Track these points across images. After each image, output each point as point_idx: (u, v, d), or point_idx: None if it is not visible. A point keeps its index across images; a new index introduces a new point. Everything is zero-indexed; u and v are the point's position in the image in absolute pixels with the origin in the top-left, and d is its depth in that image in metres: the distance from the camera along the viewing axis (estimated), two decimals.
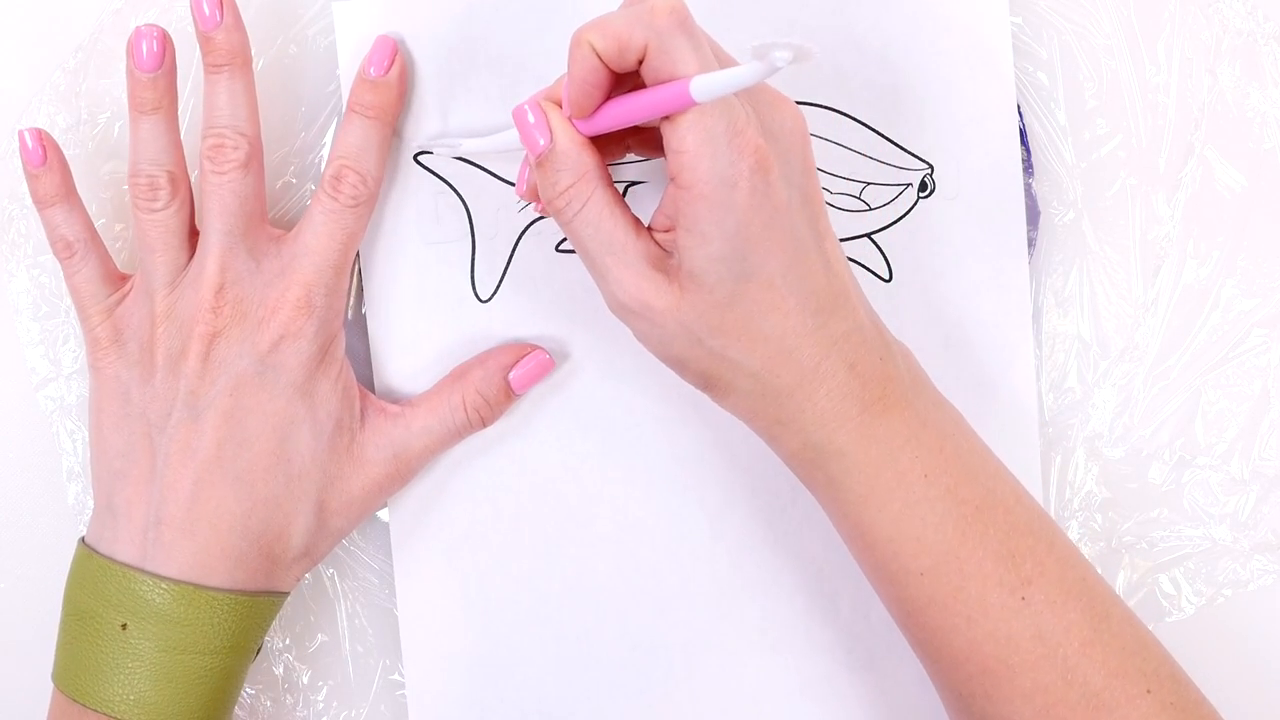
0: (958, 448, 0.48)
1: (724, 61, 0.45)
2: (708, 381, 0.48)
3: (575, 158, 0.46)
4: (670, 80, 0.42)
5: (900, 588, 0.48)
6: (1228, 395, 0.57)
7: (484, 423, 0.54)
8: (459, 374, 0.54)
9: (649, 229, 0.47)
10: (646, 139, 0.49)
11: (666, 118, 0.43)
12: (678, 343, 0.47)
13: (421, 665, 0.56)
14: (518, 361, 0.54)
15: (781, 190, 0.44)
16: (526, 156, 0.49)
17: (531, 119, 0.46)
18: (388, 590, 0.57)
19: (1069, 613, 0.47)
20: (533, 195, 0.50)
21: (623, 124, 0.45)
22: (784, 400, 0.47)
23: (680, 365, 0.48)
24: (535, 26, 0.54)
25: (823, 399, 0.47)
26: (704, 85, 0.41)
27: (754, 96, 0.45)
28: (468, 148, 0.52)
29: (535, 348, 0.54)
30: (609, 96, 0.45)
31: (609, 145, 0.49)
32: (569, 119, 0.46)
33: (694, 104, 0.41)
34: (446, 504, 0.56)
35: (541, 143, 0.46)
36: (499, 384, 0.53)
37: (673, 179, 0.44)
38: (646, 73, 0.43)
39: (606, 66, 0.44)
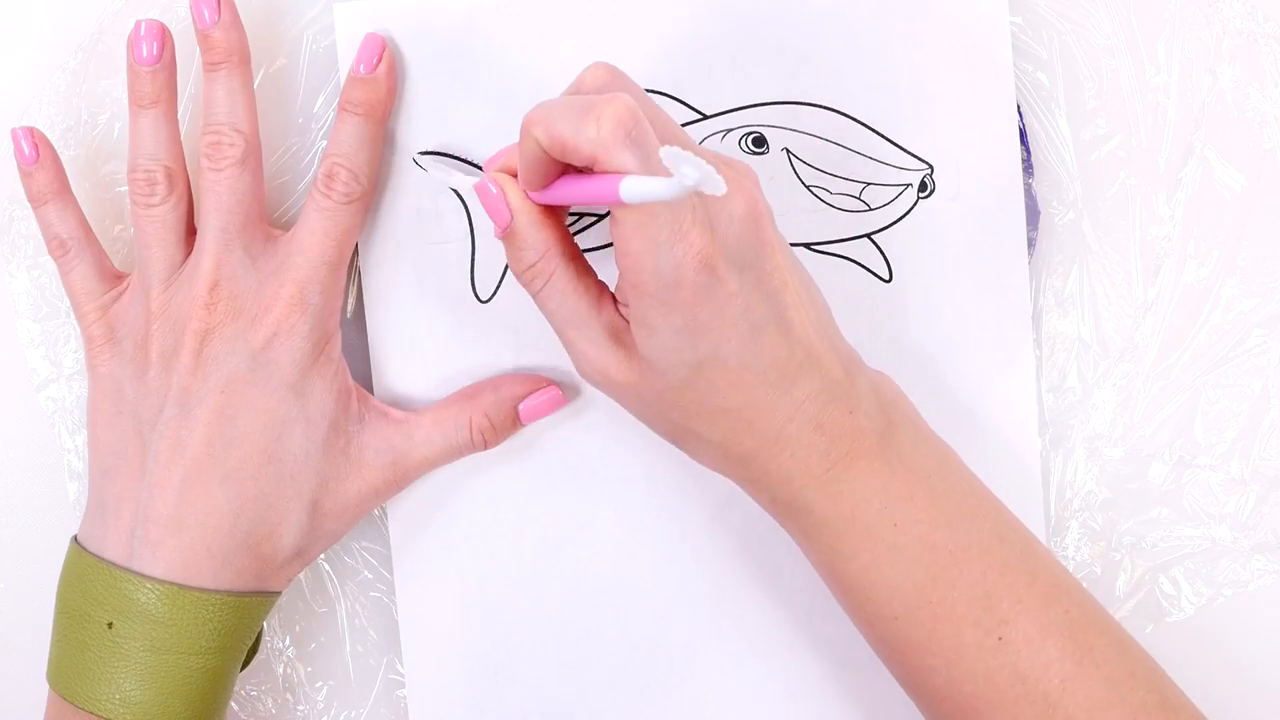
0: (932, 491, 0.48)
1: (685, 147, 0.45)
2: (677, 443, 0.49)
3: (535, 237, 0.46)
4: (610, 174, 0.42)
5: (877, 630, 0.49)
6: (1228, 395, 0.57)
7: (486, 445, 0.54)
8: (470, 393, 0.54)
9: (613, 296, 0.47)
10: None
11: (612, 217, 0.43)
12: (641, 413, 0.48)
13: (421, 665, 0.56)
14: (530, 393, 0.54)
15: (731, 279, 0.44)
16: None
17: (493, 191, 0.46)
18: (388, 590, 0.57)
19: (1049, 650, 0.47)
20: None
21: (572, 203, 0.45)
22: (749, 463, 0.48)
23: (650, 428, 0.49)
24: (535, 27, 0.54)
25: (787, 460, 0.47)
26: (632, 187, 0.40)
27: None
28: (457, 182, 0.52)
29: (549, 382, 0.54)
30: (564, 172, 0.45)
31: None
32: (526, 194, 0.46)
33: (621, 203, 0.41)
34: (447, 504, 0.56)
35: (503, 220, 0.46)
36: (508, 412, 0.54)
37: (620, 273, 0.45)
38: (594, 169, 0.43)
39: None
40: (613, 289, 0.48)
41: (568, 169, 0.45)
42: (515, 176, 0.47)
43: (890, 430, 0.48)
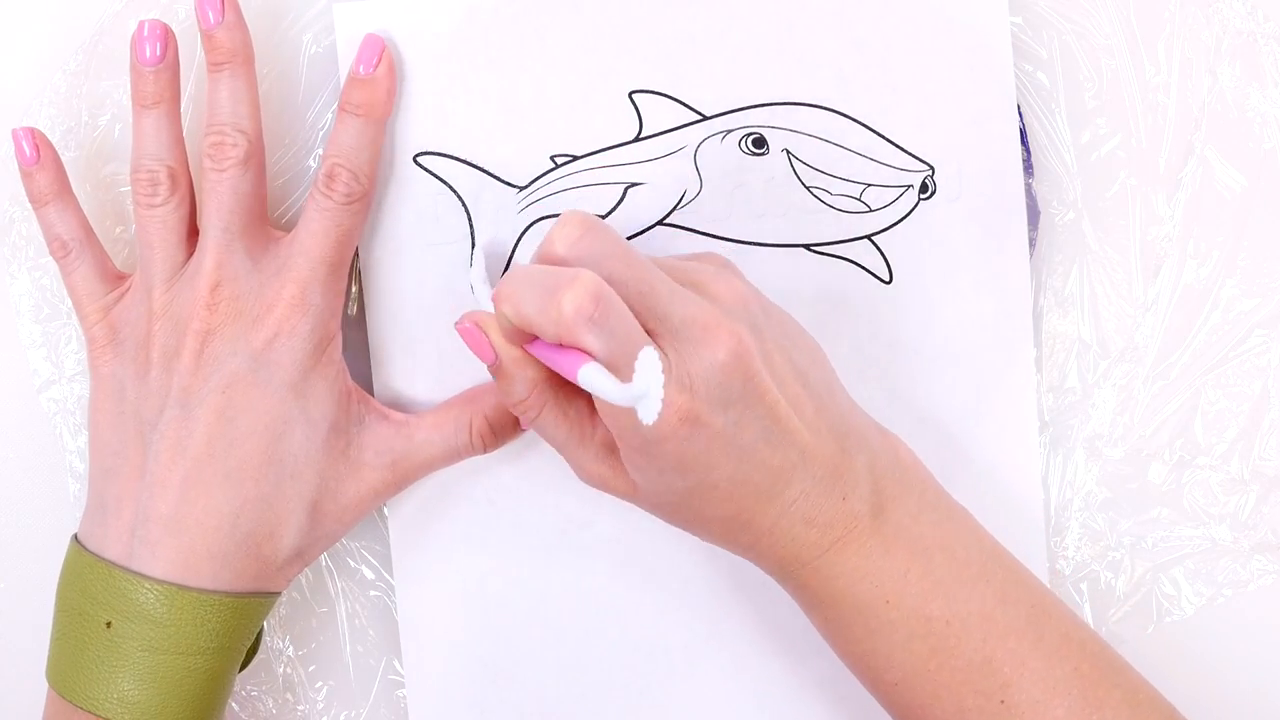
0: (929, 563, 0.48)
1: (644, 318, 0.45)
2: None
3: (521, 375, 0.47)
4: (574, 352, 0.43)
5: (879, 693, 0.50)
6: (1228, 395, 0.57)
7: (486, 449, 0.54)
8: (471, 396, 0.54)
9: None
10: None
11: None
12: (640, 507, 0.50)
13: (421, 665, 0.56)
14: None
15: (716, 420, 0.45)
16: None
17: (474, 333, 0.47)
18: (388, 590, 0.57)
19: (1055, 710, 0.47)
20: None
21: (544, 362, 0.46)
22: (745, 549, 0.49)
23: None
24: (535, 28, 0.54)
25: (779, 550, 0.48)
26: (588, 378, 0.41)
27: (682, 336, 0.45)
28: (475, 281, 0.52)
29: None
30: None
31: None
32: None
33: (575, 380, 0.42)
34: (447, 504, 0.56)
35: (488, 359, 0.48)
36: (509, 416, 0.54)
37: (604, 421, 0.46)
38: None
39: None
40: None
41: None
42: None
43: (888, 506, 0.49)
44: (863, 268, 0.55)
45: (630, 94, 0.54)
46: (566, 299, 0.42)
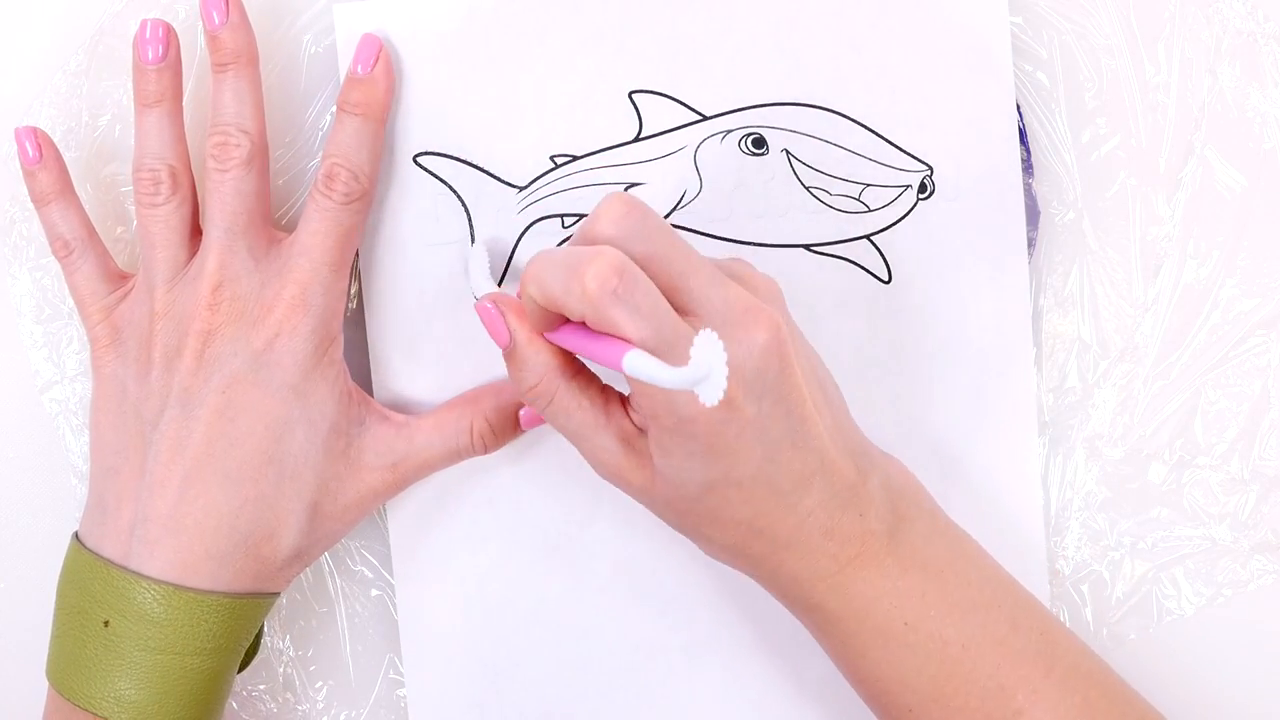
0: (944, 587, 0.48)
1: (684, 299, 0.45)
2: (687, 536, 0.50)
3: (534, 360, 0.47)
4: (614, 340, 0.42)
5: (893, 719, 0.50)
6: (1228, 395, 0.57)
7: (486, 450, 0.54)
8: (471, 398, 0.54)
9: (622, 399, 0.48)
10: None
11: None
12: (654, 510, 0.49)
13: (421, 665, 0.56)
14: None
15: (749, 407, 0.45)
16: None
17: (492, 313, 0.47)
18: (388, 590, 0.57)
19: None
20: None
21: (577, 353, 0.46)
22: (759, 564, 0.48)
23: (659, 518, 0.50)
24: (535, 28, 0.54)
25: (795, 563, 0.48)
26: (636, 366, 0.40)
27: (723, 317, 0.45)
28: (474, 285, 0.52)
29: None
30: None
31: None
32: (520, 315, 0.47)
33: (620, 369, 0.41)
34: (446, 504, 0.56)
35: (503, 340, 0.47)
36: (509, 417, 0.54)
37: (634, 403, 0.46)
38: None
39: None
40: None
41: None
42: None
43: (902, 527, 0.49)
44: (862, 268, 0.55)
45: (630, 94, 0.54)
46: (589, 273, 0.42)
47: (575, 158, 0.54)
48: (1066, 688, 0.48)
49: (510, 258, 0.55)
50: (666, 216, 0.55)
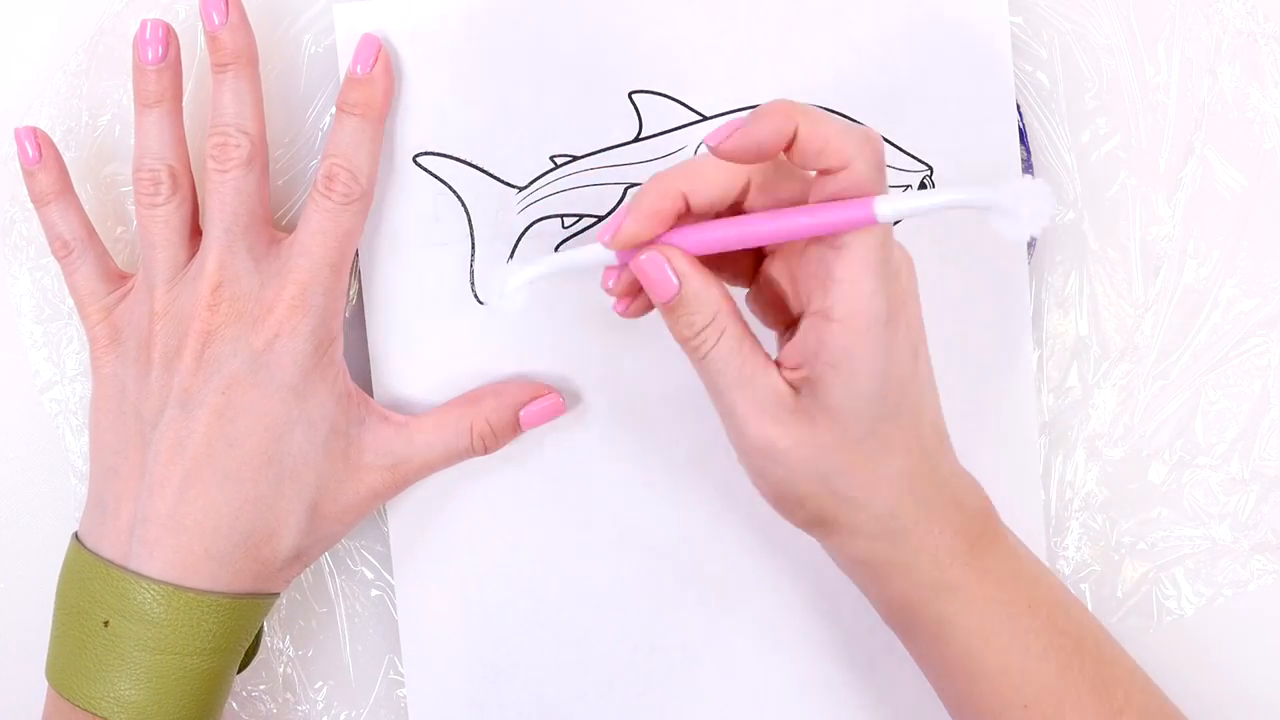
0: (1045, 576, 0.49)
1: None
2: (822, 521, 0.47)
3: (706, 299, 0.45)
4: (854, 197, 0.42)
5: None
6: (1228, 395, 0.57)
7: (487, 450, 0.54)
8: (472, 399, 0.54)
9: (778, 364, 0.46)
10: (736, 268, 0.49)
11: (833, 247, 0.43)
12: (801, 482, 0.46)
13: (421, 665, 0.56)
14: (532, 400, 0.54)
15: (918, 331, 0.46)
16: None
17: (658, 261, 0.45)
18: (388, 590, 0.57)
19: None
20: (623, 293, 0.48)
21: (765, 238, 0.44)
22: (900, 540, 0.47)
23: (797, 505, 0.47)
24: (535, 28, 0.54)
25: (937, 536, 0.47)
26: (897, 204, 0.41)
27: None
28: (572, 262, 0.47)
29: (550, 389, 0.54)
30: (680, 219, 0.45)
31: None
32: (684, 252, 0.45)
33: (873, 221, 0.41)
34: (446, 505, 0.56)
35: (670, 291, 0.45)
36: (510, 418, 0.54)
37: (820, 311, 0.44)
38: (816, 192, 0.43)
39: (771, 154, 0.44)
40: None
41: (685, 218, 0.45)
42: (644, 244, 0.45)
43: (999, 520, 0.49)
44: None
45: (630, 94, 0.54)
46: (873, 134, 0.43)
47: (575, 158, 0.54)
48: (1147, 694, 0.49)
49: (510, 258, 0.55)
50: None
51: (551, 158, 0.54)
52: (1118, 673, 0.49)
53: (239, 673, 0.54)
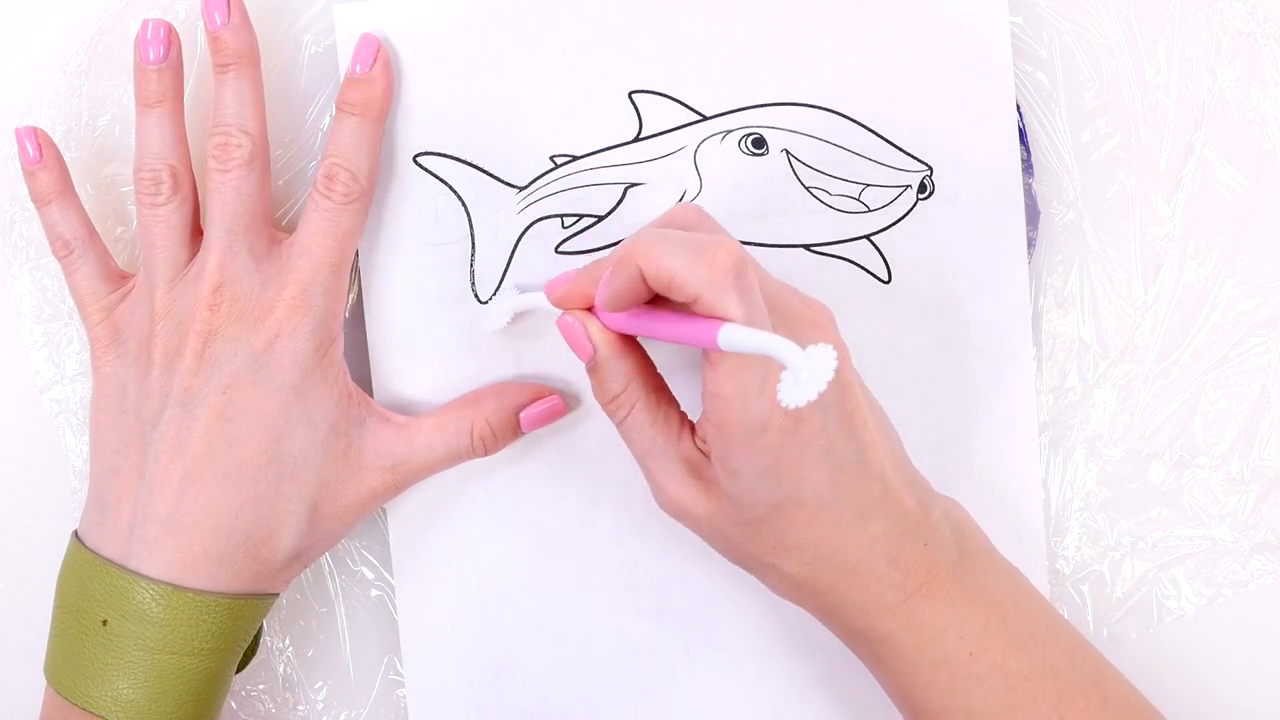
0: (1005, 618, 0.48)
1: (776, 305, 0.46)
2: (749, 572, 0.50)
3: (619, 368, 0.48)
4: (708, 319, 0.43)
5: None
6: (1228, 395, 0.57)
7: (487, 452, 0.54)
8: (472, 400, 0.54)
9: (692, 427, 0.48)
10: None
11: (707, 360, 0.44)
12: (715, 543, 0.49)
13: (421, 665, 0.56)
14: (532, 402, 0.54)
15: (815, 420, 0.45)
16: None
17: (574, 327, 0.48)
18: (388, 590, 0.57)
19: None
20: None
21: (652, 336, 0.46)
22: (824, 595, 0.48)
23: (722, 555, 0.50)
24: (535, 29, 0.54)
25: (861, 593, 0.48)
26: (731, 338, 0.41)
27: (793, 324, 0.46)
28: (525, 305, 0.53)
29: (551, 391, 0.54)
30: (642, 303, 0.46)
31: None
32: (605, 326, 0.47)
33: (717, 349, 0.41)
34: (447, 505, 0.56)
35: (586, 354, 0.48)
36: (510, 420, 0.54)
37: (705, 414, 0.46)
38: (691, 307, 0.44)
39: (649, 287, 0.44)
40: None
41: (650, 301, 0.46)
42: (587, 307, 0.48)
43: (963, 560, 0.49)
44: (862, 268, 0.55)
45: (630, 94, 0.54)
46: (721, 254, 0.42)
47: (575, 158, 0.54)
48: None
49: (510, 257, 0.55)
50: None
51: (551, 158, 0.54)
52: (1082, 705, 0.48)
53: (238, 673, 0.54)
